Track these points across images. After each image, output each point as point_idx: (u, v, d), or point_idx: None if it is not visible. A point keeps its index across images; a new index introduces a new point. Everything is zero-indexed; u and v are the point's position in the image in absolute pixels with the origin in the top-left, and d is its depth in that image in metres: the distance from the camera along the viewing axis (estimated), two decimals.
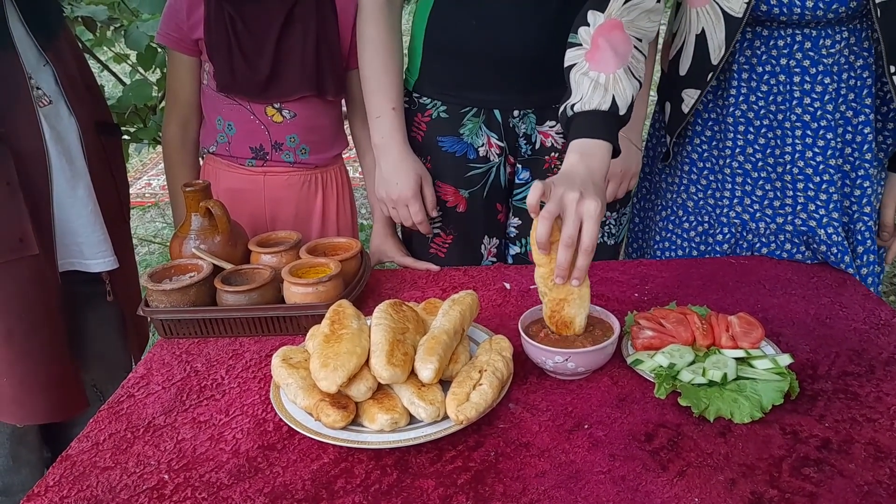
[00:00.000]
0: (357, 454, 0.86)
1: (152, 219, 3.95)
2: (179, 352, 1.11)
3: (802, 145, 1.25)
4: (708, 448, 0.84)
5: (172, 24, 1.43)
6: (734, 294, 1.20)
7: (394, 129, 1.34)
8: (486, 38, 1.32)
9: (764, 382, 0.92)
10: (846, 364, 1.00)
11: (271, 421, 0.93)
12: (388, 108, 1.33)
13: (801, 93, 1.23)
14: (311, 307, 1.12)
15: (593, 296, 1.20)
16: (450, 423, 0.87)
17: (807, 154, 1.25)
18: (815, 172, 1.26)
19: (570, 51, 1.13)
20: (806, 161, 1.26)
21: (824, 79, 1.21)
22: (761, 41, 1.22)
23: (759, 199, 1.32)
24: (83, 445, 0.91)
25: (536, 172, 1.43)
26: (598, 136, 1.04)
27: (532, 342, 0.97)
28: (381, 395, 0.91)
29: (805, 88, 1.22)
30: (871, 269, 1.30)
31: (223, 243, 1.25)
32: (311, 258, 1.21)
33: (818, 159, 1.25)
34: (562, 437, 0.87)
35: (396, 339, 0.92)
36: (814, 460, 0.82)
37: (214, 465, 0.86)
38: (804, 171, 1.26)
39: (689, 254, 1.42)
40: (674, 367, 0.95)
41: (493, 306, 1.20)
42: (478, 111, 1.38)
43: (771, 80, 1.24)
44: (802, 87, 1.22)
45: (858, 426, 0.87)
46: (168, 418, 0.95)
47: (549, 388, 0.97)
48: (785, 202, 1.30)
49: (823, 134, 1.23)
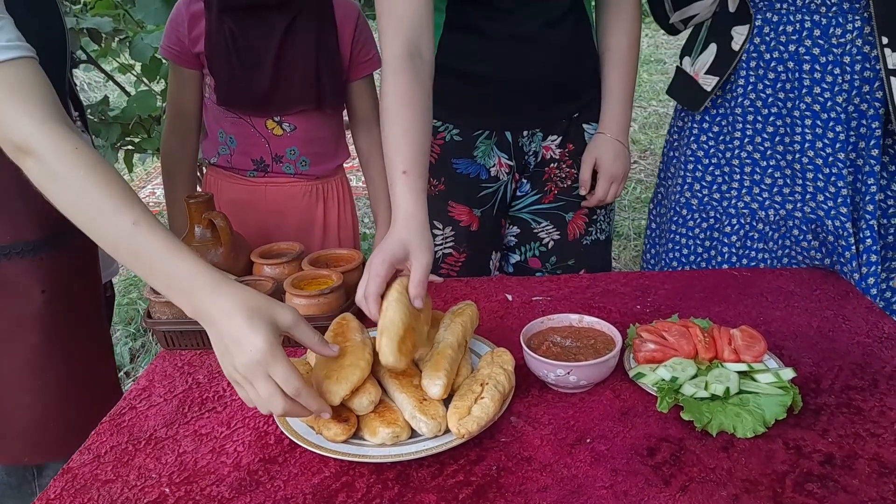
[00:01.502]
0: (358, 468, 0.86)
1: None
2: (181, 363, 1.11)
3: (812, 135, 1.24)
4: (711, 463, 0.84)
5: (174, 37, 1.44)
6: (736, 306, 1.20)
7: (400, 196, 1.03)
8: (498, 63, 1.33)
9: (767, 397, 0.91)
10: (849, 378, 0.99)
11: (272, 434, 0.93)
12: (399, 171, 1.03)
13: (812, 81, 1.21)
14: (313, 319, 1.12)
15: (595, 308, 1.21)
16: (451, 436, 0.87)
17: (816, 144, 1.24)
18: (824, 164, 1.25)
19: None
20: (816, 151, 1.24)
21: (834, 69, 1.20)
22: (770, 27, 1.22)
23: (767, 187, 1.31)
24: (84, 458, 0.90)
25: (536, 184, 1.45)
26: None
27: (534, 355, 0.97)
28: (383, 409, 0.90)
29: (815, 77, 1.21)
30: (872, 270, 1.28)
31: (225, 255, 1.25)
32: (313, 270, 1.22)
33: (827, 150, 1.24)
34: (564, 451, 0.87)
35: (410, 325, 0.90)
36: (817, 476, 0.81)
37: (216, 478, 0.86)
38: (814, 161, 1.25)
39: (695, 251, 1.42)
40: (676, 380, 0.95)
41: (495, 318, 1.20)
42: (490, 133, 1.40)
43: (779, 66, 1.23)
44: (812, 75, 1.21)
45: (862, 441, 0.87)
46: (169, 430, 0.95)
47: (550, 402, 0.97)
48: (794, 189, 1.29)
49: (833, 126, 1.22)
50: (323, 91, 1.45)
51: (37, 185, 0.85)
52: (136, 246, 0.82)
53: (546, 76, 1.34)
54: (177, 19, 1.44)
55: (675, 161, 1.45)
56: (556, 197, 1.46)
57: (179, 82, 1.48)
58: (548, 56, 1.33)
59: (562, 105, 1.40)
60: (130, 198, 0.83)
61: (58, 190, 0.84)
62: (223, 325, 0.80)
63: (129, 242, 0.82)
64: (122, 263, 0.86)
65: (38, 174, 0.84)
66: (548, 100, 1.38)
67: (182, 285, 0.81)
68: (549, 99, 1.38)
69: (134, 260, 0.83)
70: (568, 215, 1.47)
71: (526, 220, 1.48)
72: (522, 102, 1.37)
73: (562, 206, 1.46)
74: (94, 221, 0.83)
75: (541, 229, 1.48)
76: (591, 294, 1.27)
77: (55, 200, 0.85)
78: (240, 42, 1.40)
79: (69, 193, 0.83)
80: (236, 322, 0.79)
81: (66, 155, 0.83)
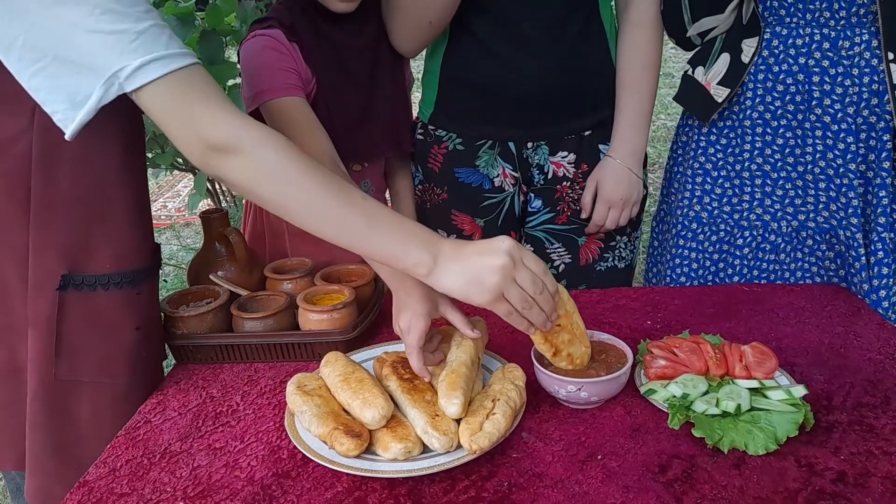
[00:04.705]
0: (371, 483, 0.86)
1: (167, 241, 3.99)
2: (195, 377, 1.13)
3: (823, 146, 1.24)
4: (722, 480, 0.84)
5: (289, 74, 1.24)
6: (747, 322, 1.20)
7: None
8: (501, 74, 1.34)
9: (778, 414, 0.91)
10: (861, 395, 0.99)
11: (286, 448, 0.94)
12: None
13: (822, 93, 1.22)
14: (326, 334, 1.13)
15: (606, 324, 1.21)
16: (463, 452, 0.87)
17: (828, 155, 1.25)
18: (835, 174, 1.25)
19: None
20: (827, 162, 1.25)
21: (844, 80, 1.20)
22: (779, 41, 1.23)
23: (779, 198, 1.31)
24: (100, 471, 0.92)
25: (548, 202, 1.45)
26: None
27: (545, 371, 0.97)
28: (395, 424, 0.91)
29: (825, 89, 1.22)
30: (883, 283, 1.27)
31: (240, 270, 1.26)
32: (325, 285, 1.23)
33: (838, 162, 1.24)
34: (575, 467, 0.87)
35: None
36: (829, 494, 0.81)
37: (230, 492, 0.86)
38: (825, 172, 1.26)
39: (704, 265, 1.42)
40: (687, 397, 0.95)
41: (505, 334, 1.21)
42: (493, 143, 1.40)
43: (788, 79, 1.24)
44: (822, 87, 1.22)
45: (875, 459, 0.86)
46: (184, 444, 0.96)
47: (562, 418, 0.97)
48: (807, 200, 1.29)
49: (844, 137, 1.23)
50: (402, 136, 1.43)
51: (237, 182, 0.85)
52: (371, 211, 0.86)
53: (546, 86, 1.33)
54: (284, 56, 1.24)
55: (680, 176, 1.45)
56: (569, 219, 1.45)
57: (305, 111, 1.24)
58: (547, 66, 1.32)
59: (567, 119, 1.39)
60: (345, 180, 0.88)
61: (272, 183, 0.84)
62: (469, 249, 0.86)
63: (363, 209, 0.85)
64: (342, 243, 0.87)
65: (246, 170, 0.84)
66: (550, 112, 1.37)
67: (422, 236, 0.87)
68: (551, 111, 1.37)
69: (367, 228, 0.85)
70: (581, 239, 1.46)
71: (540, 238, 1.48)
72: (522, 112, 1.36)
73: (574, 229, 1.45)
74: (317, 202, 0.84)
75: (553, 250, 1.47)
76: (602, 310, 1.27)
77: (263, 195, 0.85)
78: (326, 93, 1.30)
79: (288, 185, 0.84)
80: (476, 243, 0.87)
81: (281, 148, 0.84)
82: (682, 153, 1.45)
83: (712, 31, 1.31)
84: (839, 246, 1.27)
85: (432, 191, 1.46)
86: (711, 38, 1.33)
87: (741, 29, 1.28)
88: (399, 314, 0.99)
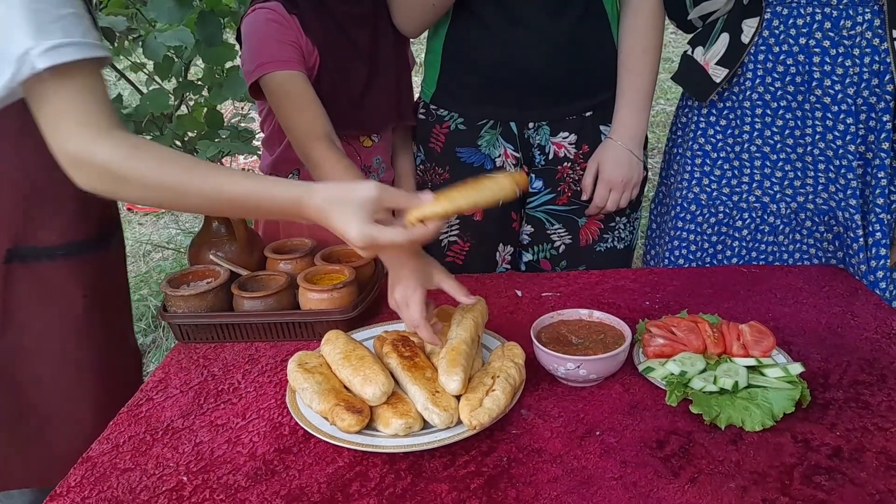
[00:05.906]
0: (371, 458, 0.87)
1: (166, 225, 3.99)
2: (196, 356, 1.13)
3: (823, 127, 1.25)
4: (719, 455, 0.85)
5: (289, 47, 1.25)
6: (745, 302, 1.21)
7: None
8: (503, 54, 1.34)
9: (775, 391, 0.92)
10: (857, 373, 1.00)
11: (287, 424, 0.95)
12: None
13: (822, 74, 1.22)
14: (327, 313, 1.14)
15: (604, 304, 1.22)
16: (463, 428, 0.88)
17: (827, 136, 1.25)
18: (835, 155, 1.25)
19: None
20: (827, 143, 1.25)
21: (845, 61, 1.20)
22: (780, 20, 1.23)
23: (779, 180, 1.32)
24: (104, 447, 0.92)
25: (549, 182, 1.45)
26: None
27: (544, 349, 0.98)
28: (396, 400, 0.92)
29: (825, 70, 1.22)
30: (880, 264, 1.28)
31: (240, 250, 1.27)
32: (325, 265, 1.23)
33: (838, 143, 1.24)
34: (574, 443, 0.88)
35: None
36: (825, 468, 0.82)
37: (232, 467, 0.87)
38: (825, 153, 1.26)
39: (702, 247, 1.42)
40: (685, 374, 0.96)
41: (505, 314, 1.22)
42: (494, 123, 1.40)
43: (788, 60, 1.24)
44: (822, 68, 1.22)
45: (870, 435, 0.87)
46: (186, 421, 0.97)
47: (560, 395, 0.98)
48: (806, 182, 1.30)
49: (844, 118, 1.23)
50: (407, 106, 1.44)
51: (101, 193, 0.84)
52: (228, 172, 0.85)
53: (547, 67, 1.34)
54: (282, 30, 1.25)
55: (679, 157, 1.44)
56: (570, 200, 1.45)
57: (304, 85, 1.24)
58: (548, 47, 1.32)
59: (568, 100, 1.39)
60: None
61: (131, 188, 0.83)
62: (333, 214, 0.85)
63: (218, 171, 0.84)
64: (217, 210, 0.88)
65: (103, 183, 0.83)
66: (551, 92, 1.37)
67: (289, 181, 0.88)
68: (552, 91, 1.37)
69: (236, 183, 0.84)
70: (581, 220, 1.46)
71: (541, 219, 1.48)
72: (523, 93, 1.36)
73: (575, 209, 1.46)
74: (188, 185, 0.83)
75: (553, 231, 1.48)
76: (601, 290, 1.28)
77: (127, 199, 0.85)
78: (329, 64, 1.31)
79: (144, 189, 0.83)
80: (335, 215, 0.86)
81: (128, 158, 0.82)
82: (682, 135, 1.45)
83: (714, 14, 1.31)
84: (837, 227, 1.27)
85: (434, 171, 1.46)
86: (713, 20, 1.33)
87: (742, 9, 1.28)
88: (394, 288, 1.01)
